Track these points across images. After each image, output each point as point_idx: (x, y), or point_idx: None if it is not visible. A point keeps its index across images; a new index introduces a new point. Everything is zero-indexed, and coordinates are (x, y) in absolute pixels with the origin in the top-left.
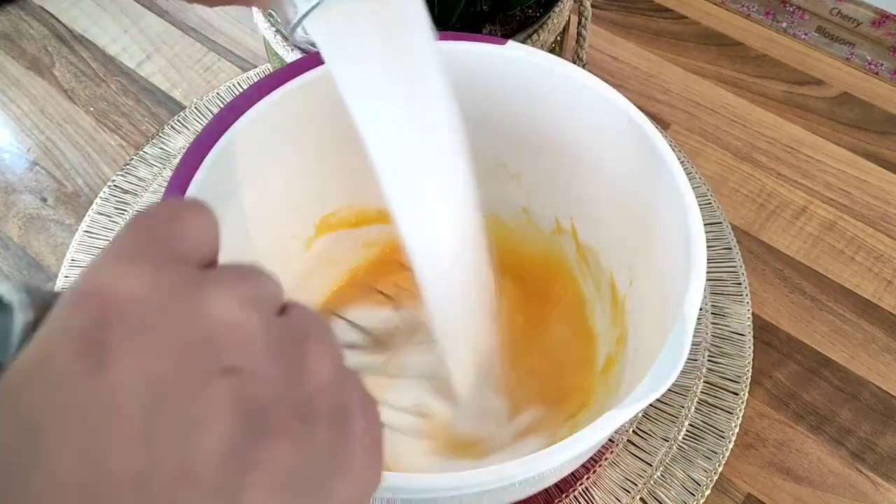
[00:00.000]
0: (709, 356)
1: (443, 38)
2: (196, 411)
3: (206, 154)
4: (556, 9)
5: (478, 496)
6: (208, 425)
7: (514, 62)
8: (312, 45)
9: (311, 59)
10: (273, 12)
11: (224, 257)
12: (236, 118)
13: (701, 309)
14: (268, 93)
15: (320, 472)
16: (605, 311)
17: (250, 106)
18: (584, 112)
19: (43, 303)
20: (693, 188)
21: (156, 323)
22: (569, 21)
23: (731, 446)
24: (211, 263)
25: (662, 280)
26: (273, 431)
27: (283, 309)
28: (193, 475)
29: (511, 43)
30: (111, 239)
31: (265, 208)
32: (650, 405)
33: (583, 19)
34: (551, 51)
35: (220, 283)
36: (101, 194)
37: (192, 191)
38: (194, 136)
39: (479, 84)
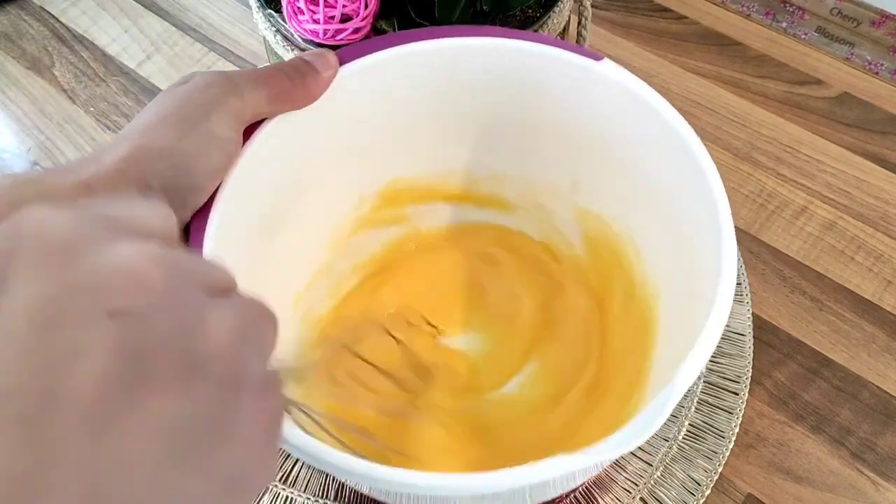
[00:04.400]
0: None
1: (536, 39)
2: (76, 343)
3: None
4: (556, 9)
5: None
6: (85, 357)
7: (605, 80)
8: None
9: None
10: (273, 14)
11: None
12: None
13: None
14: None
15: (199, 435)
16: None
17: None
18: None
19: None
20: None
21: (59, 259)
22: (569, 21)
23: (731, 446)
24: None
25: (692, 302)
26: (153, 380)
27: (224, 292)
28: (60, 401)
29: (607, 60)
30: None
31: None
32: None
33: (583, 19)
34: None
35: (137, 239)
36: None
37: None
38: None
39: (565, 98)
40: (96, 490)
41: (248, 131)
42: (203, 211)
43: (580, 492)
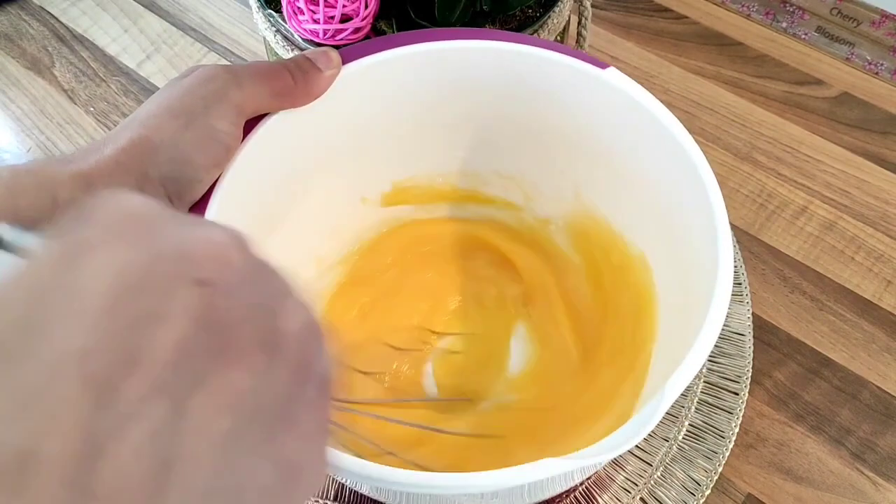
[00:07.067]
0: (709, 356)
1: (542, 45)
2: (158, 308)
3: None
4: (556, 9)
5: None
6: (167, 323)
7: (609, 89)
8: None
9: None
10: (273, 14)
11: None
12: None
13: None
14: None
15: (269, 415)
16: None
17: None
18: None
19: None
20: None
21: (142, 230)
22: (569, 21)
23: (731, 446)
24: None
25: (691, 306)
26: (236, 353)
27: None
28: (138, 365)
29: (612, 69)
30: None
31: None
32: None
33: (583, 19)
34: None
35: (215, 224)
36: None
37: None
38: None
39: (568, 103)
40: (164, 457)
41: (249, 127)
42: (200, 203)
43: (580, 491)
